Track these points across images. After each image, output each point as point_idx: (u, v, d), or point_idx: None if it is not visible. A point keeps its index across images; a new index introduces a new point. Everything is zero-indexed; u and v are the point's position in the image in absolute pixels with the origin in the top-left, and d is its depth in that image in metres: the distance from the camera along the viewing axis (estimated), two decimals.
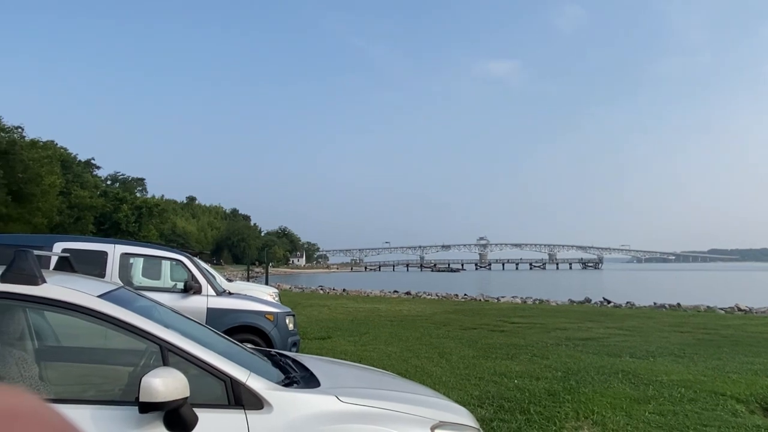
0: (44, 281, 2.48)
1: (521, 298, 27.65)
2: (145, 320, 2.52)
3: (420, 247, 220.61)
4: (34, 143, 50.98)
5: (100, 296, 2.56)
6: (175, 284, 7.77)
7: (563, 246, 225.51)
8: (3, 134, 46.59)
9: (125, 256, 7.30)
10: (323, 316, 16.19)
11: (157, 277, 8.35)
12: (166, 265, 8.24)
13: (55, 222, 52.56)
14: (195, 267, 7.50)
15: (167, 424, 2.26)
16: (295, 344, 7.58)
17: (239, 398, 2.45)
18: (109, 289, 2.82)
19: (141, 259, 8.01)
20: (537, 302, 25.59)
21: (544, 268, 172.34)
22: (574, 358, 8.76)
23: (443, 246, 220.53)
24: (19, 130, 49.71)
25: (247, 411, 2.42)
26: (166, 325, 2.58)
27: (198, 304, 7.07)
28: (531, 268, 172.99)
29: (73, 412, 2.27)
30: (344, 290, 35.46)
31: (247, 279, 32.59)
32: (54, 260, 5.81)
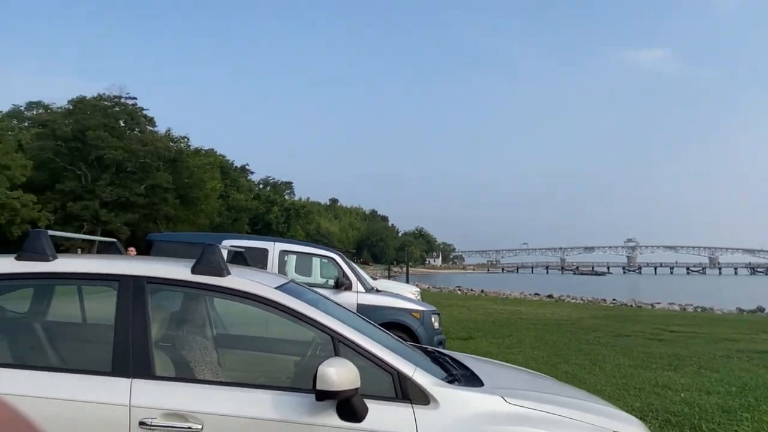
0: (229, 273, 2.69)
1: (679, 305, 25.40)
2: (319, 312, 2.63)
3: (560, 248, 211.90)
4: (197, 152, 56.55)
5: (277, 288, 2.71)
6: (327, 280, 8.14)
7: (726, 249, 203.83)
8: (172, 144, 52.16)
9: (283, 253, 7.79)
10: (463, 317, 16.10)
11: (308, 274, 8.80)
12: (316, 262, 8.65)
13: (216, 222, 57.73)
14: (346, 264, 7.80)
15: (340, 413, 2.33)
16: (440, 343, 7.59)
17: (406, 392, 2.46)
18: (283, 282, 2.98)
19: (295, 256, 8.50)
20: (699, 310, 23.36)
21: (704, 273, 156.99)
22: (750, 372, 7.85)
23: (586, 248, 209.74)
24: (185, 140, 55.45)
25: (414, 405, 2.43)
26: (335, 318, 2.68)
27: (348, 299, 7.34)
28: (688, 273, 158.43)
29: (250, 396, 2.42)
30: (482, 291, 35.05)
31: (388, 277, 33.40)
32: (225, 255, 6.34)
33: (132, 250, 7.82)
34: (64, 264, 2.67)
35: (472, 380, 2.81)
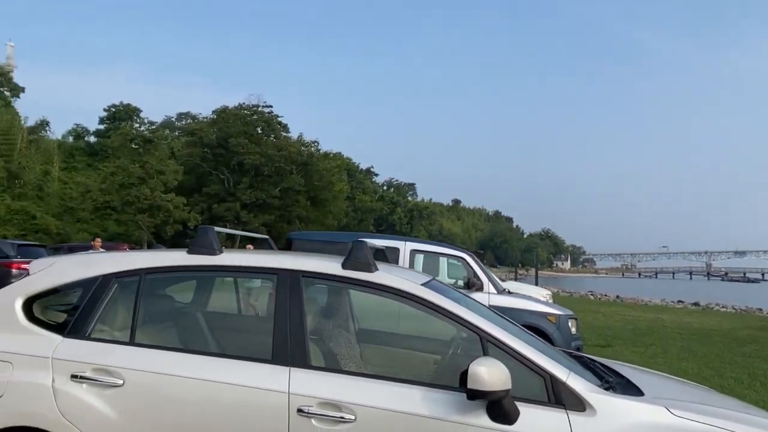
0: (377, 269, 2.75)
1: None
2: (467, 310, 2.61)
3: (706, 252, 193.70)
4: (326, 155, 59.03)
5: (423, 285, 2.73)
6: (455, 281, 8.08)
7: None
8: (303, 148, 54.85)
9: (413, 252, 7.87)
10: (598, 323, 15.27)
11: (435, 274, 8.79)
12: (443, 262, 8.62)
13: (343, 223, 59.83)
14: (476, 264, 7.71)
15: (490, 414, 2.29)
16: (578, 349, 7.24)
17: (559, 397, 2.36)
18: (427, 279, 3.00)
19: (422, 255, 8.54)
20: None
21: None
22: None
23: (736, 252, 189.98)
24: (315, 144, 58.08)
25: (569, 412, 2.33)
26: (483, 317, 2.64)
27: (479, 301, 7.22)
28: None
29: (398, 391, 2.45)
30: (617, 297, 33.00)
31: (515, 279, 32.61)
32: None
33: (250, 247, 8.54)
34: (229, 258, 2.88)
35: (629, 389, 2.64)
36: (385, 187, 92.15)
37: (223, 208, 47.69)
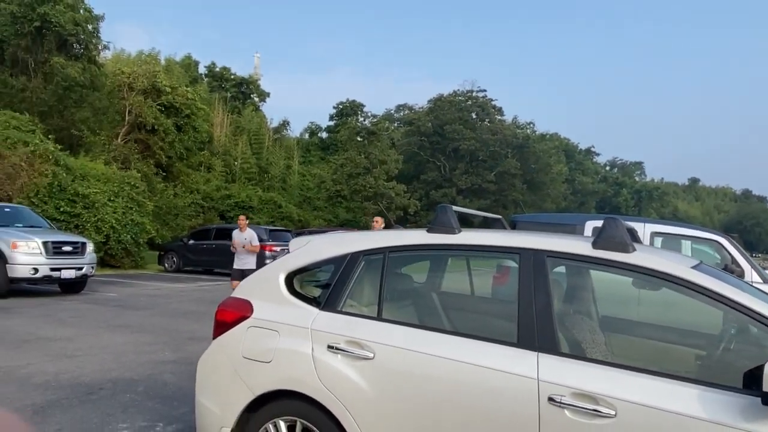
0: (635, 249, 2.45)
1: None
2: (757, 300, 2.18)
3: None
4: (542, 136, 57.05)
5: (692, 268, 2.36)
6: None
7: None
8: (519, 131, 53.69)
9: (653, 235, 7.09)
10: None
11: None
12: (688, 246, 7.63)
13: (562, 207, 57.31)
14: (735, 249, 6.65)
15: None
16: None
17: None
18: (696, 262, 2.59)
19: (662, 238, 7.65)
20: None
21: None
22: None
23: None
24: (531, 125, 56.46)
25: None
26: None
27: None
28: None
29: (664, 387, 2.14)
30: None
31: None
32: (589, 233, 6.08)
33: (378, 220, 8.56)
34: (468, 237, 2.82)
35: None
36: (607, 168, 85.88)
37: (439, 194, 49.02)
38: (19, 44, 20.47)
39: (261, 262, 18.04)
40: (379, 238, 3.02)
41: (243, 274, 9.32)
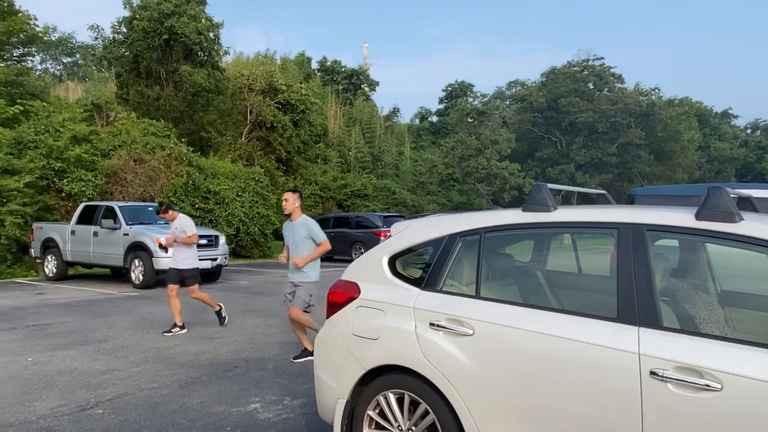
0: (742, 219, 2.33)
1: None
2: None
3: None
4: (670, 102, 52.89)
5: None
6: None
7: None
8: (642, 98, 50.14)
9: None
10: None
11: None
12: None
13: (696, 176, 52.93)
14: None
15: None
16: None
17: None
18: None
19: None
20: None
21: None
22: None
23: None
24: (656, 91, 52.53)
25: None
26: None
27: None
28: None
29: None
30: None
31: None
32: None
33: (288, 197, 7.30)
34: (564, 214, 2.82)
35: None
36: (748, 131, 77.79)
37: (556, 171, 47.28)
38: (151, 57, 22.52)
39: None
40: (474, 219, 3.10)
41: (180, 275, 7.59)
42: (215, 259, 12.83)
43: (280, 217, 22.99)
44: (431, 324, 2.88)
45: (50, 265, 13.56)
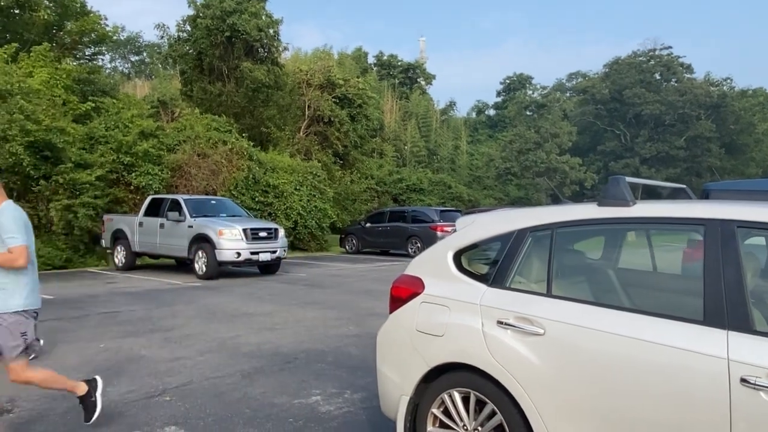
0: None
1: None
2: None
3: None
4: (743, 93, 50.09)
5: None
6: None
7: None
8: (713, 89, 47.76)
9: None
10: None
11: None
12: None
13: None
14: None
15: None
16: None
17: None
18: None
19: None
20: None
21: None
22: None
23: None
24: (728, 81, 49.90)
25: None
26: None
27: None
28: None
29: None
30: None
31: None
32: None
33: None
34: (645, 209, 2.66)
35: None
36: None
37: (620, 165, 45.72)
38: (214, 54, 23.10)
39: (433, 242, 18.51)
40: (546, 214, 2.98)
41: None
42: (274, 252, 13.06)
43: (336, 210, 23.25)
44: (499, 322, 2.79)
45: (119, 255, 14.15)
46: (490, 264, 3.04)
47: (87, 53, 24.31)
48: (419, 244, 18.76)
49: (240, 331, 7.09)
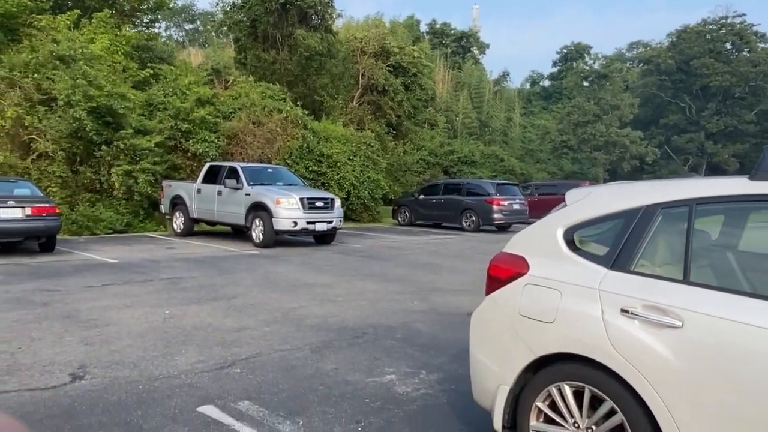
0: None
1: None
2: None
3: None
4: None
5: None
6: None
7: None
8: None
9: None
10: None
11: None
12: None
13: None
14: None
15: None
16: None
17: None
18: None
19: None
20: None
21: None
22: None
23: None
24: None
25: None
26: None
27: None
28: None
29: None
30: None
31: None
32: None
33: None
34: None
35: None
36: None
37: (684, 140, 43.67)
38: (268, 21, 22.87)
39: (490, 216, 18.00)
40: (682, 188, 2.58)
41: None
42: (331, 222, 12.91)
43: (389, 182, 22.95)
44: (623, 310, 2.44)
45: (178, 221, 14.30)
46: (611, 244, 2.67)
47: (144, 20, 24.51)
48: (474, 218, 18.33)
49: (302, 302, 6.94)
